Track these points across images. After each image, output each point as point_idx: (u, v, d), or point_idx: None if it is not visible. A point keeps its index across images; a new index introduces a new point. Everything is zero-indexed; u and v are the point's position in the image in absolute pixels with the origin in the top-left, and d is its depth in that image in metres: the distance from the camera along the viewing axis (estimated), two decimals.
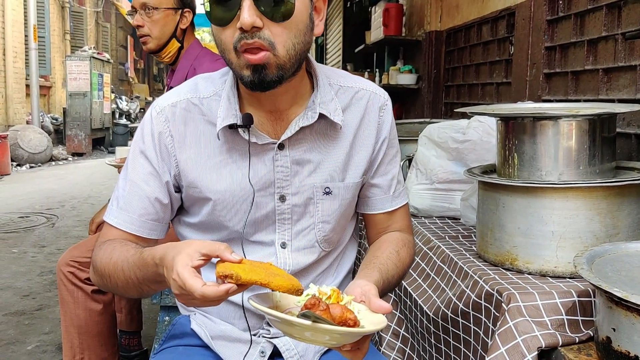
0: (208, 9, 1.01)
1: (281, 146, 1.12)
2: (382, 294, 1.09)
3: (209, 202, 1.14)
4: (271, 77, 1.01)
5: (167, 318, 1.85)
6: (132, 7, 2.16)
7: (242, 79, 1.04)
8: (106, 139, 13.60)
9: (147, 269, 0.97)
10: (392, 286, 1.17)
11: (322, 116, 1.12)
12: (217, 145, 1.13)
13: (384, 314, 0.92)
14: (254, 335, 1.18)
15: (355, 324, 0.86)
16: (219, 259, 0.90)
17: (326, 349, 1.21)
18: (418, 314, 1.69)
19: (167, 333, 1.26)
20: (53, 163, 10.96)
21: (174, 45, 2.17)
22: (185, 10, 2.15)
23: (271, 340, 1.18)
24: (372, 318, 0.91)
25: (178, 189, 1.17)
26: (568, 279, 1.35)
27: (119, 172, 2.18)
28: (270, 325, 1.19)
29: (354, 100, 1.19)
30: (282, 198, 1.15)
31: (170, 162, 1.13)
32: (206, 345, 1.21)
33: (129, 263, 1.01)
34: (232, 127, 1.10)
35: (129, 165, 1.15)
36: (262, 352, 1.17)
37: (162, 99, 1.17)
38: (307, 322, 0.82)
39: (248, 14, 0.97)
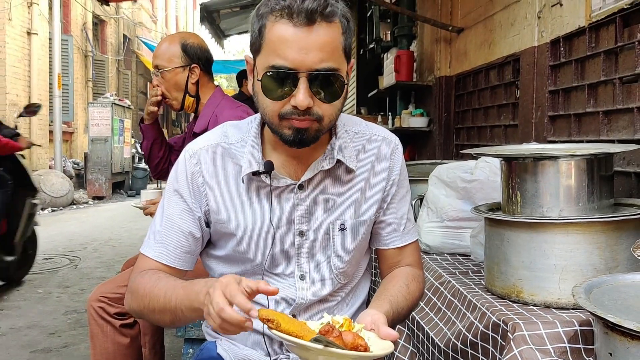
0: (262, 82, 1.10)
1: (301, 186, 1.23)
2: (393, 324, 1.16)
3: (234, 237, 1.24)
4: (310, 139, 1.13)
5: (190, 350, 1.93)
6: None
7: (281, 137, 1.14)
8: (126, 182, 13.82)
9: (192, 289, 1.06)
10: (402, 317, 1.25)
11: (338, 161, 1.23)
12: (243, 186, 1.23)
13: (391, 341, 1.01)
14: (274, 359, 1.26)
15: (366, 349, 0.95)
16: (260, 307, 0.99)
17: None
18: (430, 346, 1.75)
19: (195, 357, 1.34)
20: (74, 207, 11.16)
21: (189, 99, 2.31)
22: (193, 65, 2.28)
23: None
24: (380, 344, 1.00)
25: (208, 224, 1.27)
26: (571, 310, 1.40)
27: (145, 214, 2.31)
28: (289, 351, 1.27)
29: (367, 145, 1.30)
30: (301, 234, 1.25)
31: (202, 200, 1.24)
32: None
33: (174, 287, 1.11)
34: (256, 173, 1.20)
35: (165, 203, 1.26)
36: None
37: (194, 143, 1.28)
38: (320, 347, 0.91)
39: (304, 97, 1.07)
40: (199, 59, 2.30)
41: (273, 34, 1.08)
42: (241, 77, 7.02)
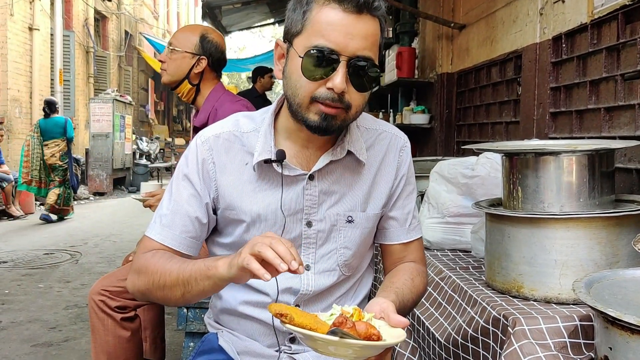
0: (304, 61, 1.11)
1: (311, 177, 1.24)
2: None
3: (243, 223, 1.25)
4: (335, 127, 1.15)
5: (191, 344, 1.94)
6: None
7: (306, 121, 1.15)
8: (127, 178, 13.84)
9: (212, 260, 1.07)
10: (407, 310, 1.25)
11: (349, 153, 1.25)
12: (254, 173, 1.24)
13: (402, 328, 1.01)
14: (276, 351, 1.27)
15: (379, 338, 0.95)
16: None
17: None
18: (430, 341, 1.76)
19: (196, 349, 1.35)
20: (75, 202, 11.16)
21: (187, 86, 2.34)
22: (201, 57, 2.31)
23: (292, 355, 1.27)
24: (392, 332, 1.00)
25: (215, 211, 1.28)
26: (571, 305, 1.40)
27: (144, 206, 2.33)
28: (292, 342, 1.28)
29: (377, 140, 1.32)
30: (309, 224, 1.26)
31: (211, 186, 1.25)
32: None
33: (191, 261, 1.12)
34: (267, 161, 1.22)
35: (173, 187, 1.26)
36: None
37: (206, 130, 1.29)
38: (336, 339, 0.91)
39: (341, 81, 1.09)
40: (210, 54, 2.33)
41: (320, 16, 1.11)
42: (257, 73, 7.09)
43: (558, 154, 1.49)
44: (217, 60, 2.36)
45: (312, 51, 1.10)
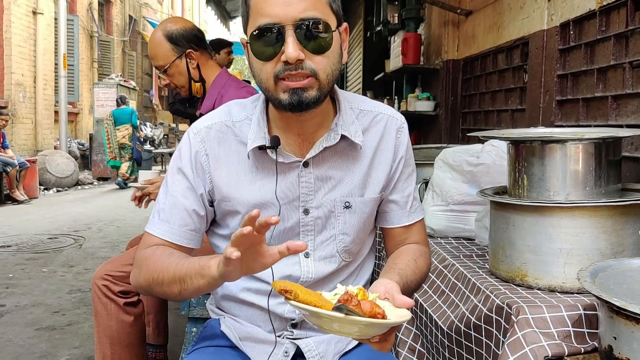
0: (252, 45, 1.11)
1: (306, 164, 1.22)
2: None
3: (239, 214, 1.24)
4: (310, 99, 1.11)
5: (194, 329, 1.94)
6: None
7: (279, 102, 1.12)
8: None
9: (206, 258, 1.05)
10: (411, 291, 1.24)
11: (343, 137, 1.22)
12: (248, 163, 1.23)
13: (407, 308, 0.99)
14: (279, 336, 1.26)
15: (384, 317, 0.94)
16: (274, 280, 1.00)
17: (345, 350, 1.29)
18: (433, 329, 1.75)
19: (199, 335, 1.36)
20: (79, 187, 11.24)
21: (195, 85, 2.32)
22: (188, 50, 2.27)
23: (294, 341, 1.27)
24: (396, 312, 0.99)
25: (211, 203, 1.27)
26: (575, 294, 1.40)
27: (143, 194, 2.32)
28: (294, 327, 1.28)
29: (373, 122, 1.29)
30: (306, 211, 1.25)
31: (205, 178, 1.24)
32: (235, 346, 1.30)
33: (188, 258, 1.11)
34: (261, 148, 1.20)
35: (169, 181, 1.25)
36: (286, 352, 1.26)
37: (198, 122, 1.28)
38: (341, 315, 0.90)
39: (293, 49, 1.07)
40: (188, 41, 2.28)
41: None
42: (212, 48, 6.72)
43: (564, 142, 1.48)
44: (197, 41, 2.30)
45: (255, 32, 1.09)
